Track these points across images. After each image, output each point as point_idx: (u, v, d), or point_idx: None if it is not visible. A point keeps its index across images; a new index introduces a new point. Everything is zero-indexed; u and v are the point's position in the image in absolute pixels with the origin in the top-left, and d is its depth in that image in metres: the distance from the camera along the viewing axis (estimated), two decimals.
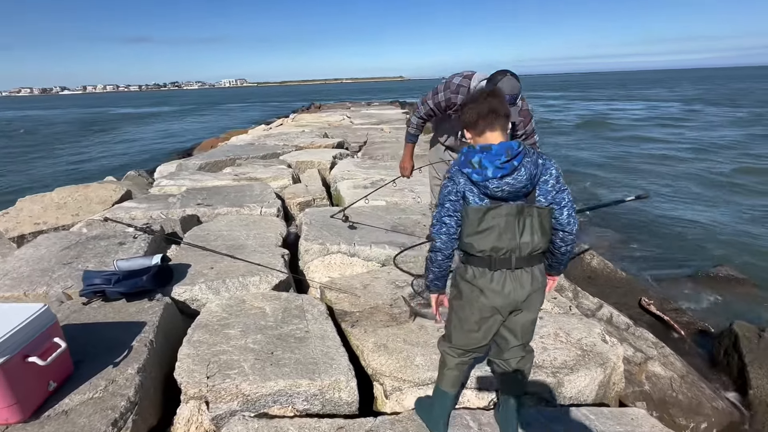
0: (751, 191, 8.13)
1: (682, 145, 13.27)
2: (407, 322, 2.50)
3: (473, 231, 1.43)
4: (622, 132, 16.68)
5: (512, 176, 1.37)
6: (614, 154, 12.27)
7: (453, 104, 2.42)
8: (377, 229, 3.89)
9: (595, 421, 1.73)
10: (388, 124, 11.80)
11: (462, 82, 2.39)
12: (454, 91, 2.39)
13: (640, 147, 13.17)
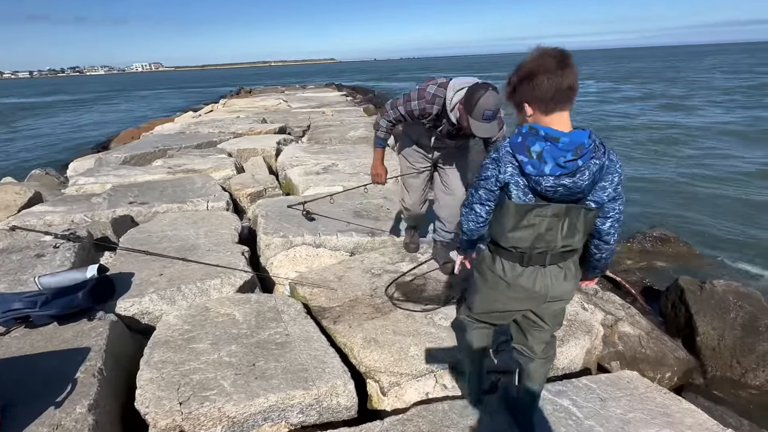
0: (671, 156, 9.08)
1: (604, 117, 14.45)
2: (392, 311, 2.37)
3: (510, 227, 1.27)
4: None
5: (573, 178, 1.17)
6: None
7: (428, 114, 2.29)
8: (340, 217, 3.69)
9: (597, 390, 1.75)
10: (329, 107, 11.39)
11: (437, 91, 2.23)
12: (430, 101, 2.24)
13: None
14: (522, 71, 1.20)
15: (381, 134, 2.55)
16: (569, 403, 1.69)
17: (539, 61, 1.16)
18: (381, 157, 2.64)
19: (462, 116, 2.13)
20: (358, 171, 5.21)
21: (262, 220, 3.56)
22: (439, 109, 2.25)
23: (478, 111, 1.96)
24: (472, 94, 1.99)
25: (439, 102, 2.22)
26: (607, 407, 1.67)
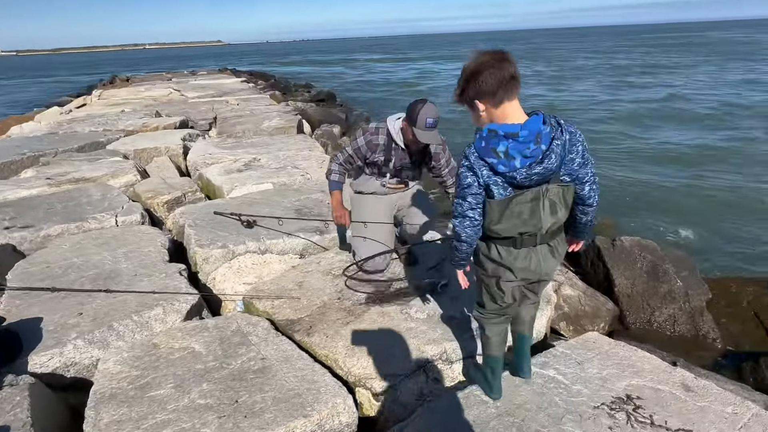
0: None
1: None
2: (365, 312, 2.29)
3: (497, 220, 1.34)
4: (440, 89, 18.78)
5: (542, 164, 1.25)
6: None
7: (375, 146, 2.41)
8: (281, 216, 3.44)
9: (573, 355, 1.92)
10: (232, 96, 10.47)
11: (379, 125, 2.43)
12: (374, 133, 2.40)
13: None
14: (467, 72, 1.29)
15: (334, 177, 2.54)
16: (554, 373, 1.82)
17: (479, 59, 1.26)
18: (340, 199, 2.56)
19: (406, 130, 2.28)
20: (284, 165, 4.90)
21: (191, 230, 3.14)
22: (385, 139, 2.37)
23: (421, 120, 2.15)
24: (413, 108, 2.20)
25: (382, 131, 2.38)
26: (585, 369, 1.84)
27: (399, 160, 2.43)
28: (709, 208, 5.80)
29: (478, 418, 1.59)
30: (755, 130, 9.68)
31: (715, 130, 9.90)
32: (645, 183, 6.79)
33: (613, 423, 1.57)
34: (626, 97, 14.29)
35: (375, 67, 34.94)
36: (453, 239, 1.42)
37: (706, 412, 1.62)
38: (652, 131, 10.08)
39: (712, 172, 7.20)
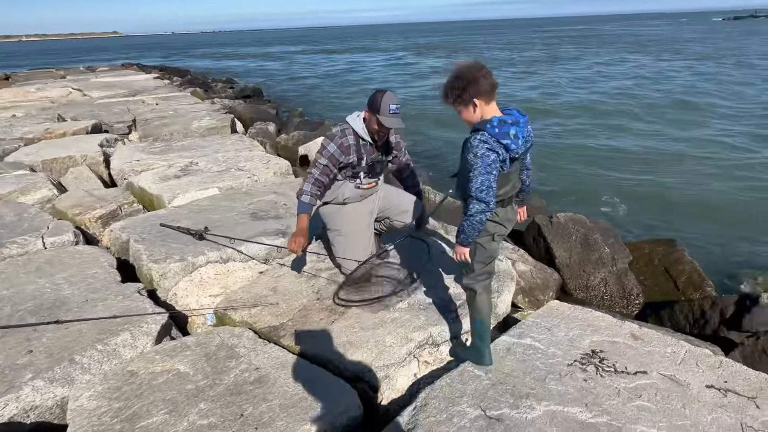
0: None
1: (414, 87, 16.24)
2: (348, 309, 2.33)
3: (501, 186, 1.72)
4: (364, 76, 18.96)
5: (528, 142, 1.72)
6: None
7: (346, 148, 2.38)
8: (237, 222, 3.30)
9: (542, 324, 2.15)
10: (147, 94, 9.55)
11: (341, 126, 2.43)
12: (341, 136, 2.37)
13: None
14: (466, 79, 1.64)
15: (306, 198, 2.37)
16: (531, 341, 2.03)
17: (473, 69, 1.65)
18: (305, 226, 2.36)
19: (370, 120, 2.31)
20: (227, 167, 4.66)
21: (140, 246, 2.90)
22: (353, 138, 2.38)
23: (384, 107, 2.22)
24: (375, 98, 2.26)
25: (349, 132, 2.38)
26: (554, 334, 2.08)
27: (369, 156, 2.45)
28: (617, 184, 6.66)
29: (476, 390, 1.74)
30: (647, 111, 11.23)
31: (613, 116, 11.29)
32: (562, 168, 7.56)
33: (586, 376, 1.82)
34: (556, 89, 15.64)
35: (297, 59, 33.98)
36: (476, 214, 1.66)
37: (653, 355, 1.94)
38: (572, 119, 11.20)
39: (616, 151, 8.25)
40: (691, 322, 3.16)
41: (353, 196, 2.52)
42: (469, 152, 1.66)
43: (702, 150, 8.01)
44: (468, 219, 1.70)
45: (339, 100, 14.73)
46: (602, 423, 1.58)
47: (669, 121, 10.11)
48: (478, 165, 1.63)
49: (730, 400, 1.69)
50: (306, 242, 2.34)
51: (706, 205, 5.74)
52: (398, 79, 19.02)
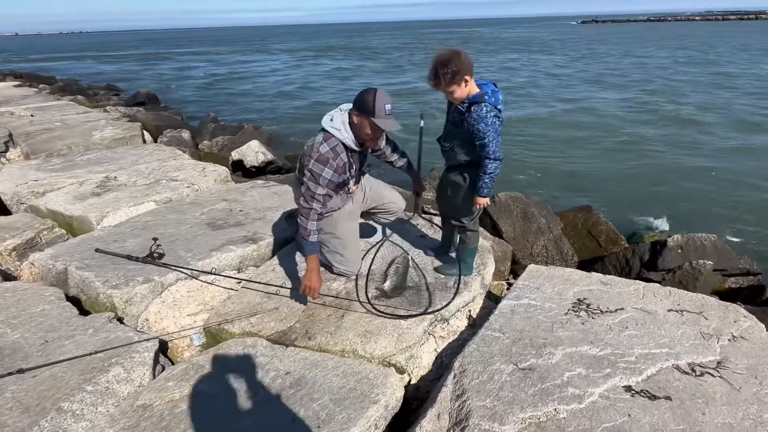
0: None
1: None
2: (352, 302, 2.33)
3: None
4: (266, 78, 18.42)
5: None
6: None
7: (343, 167, 2.10)
8: (195, 235, 3.03)
9: (531, 285, 2.41)
10: (14, 105, 7.98)
11: (328, 143, 2.06)
12: (334, 157, 2.05)
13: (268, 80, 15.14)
14: (455, 62, 1.91)
15: (313, 237, 2.10)
16: (528, 300, 2.27)
17: (455, 54, 1.94)
18: (316, 265, 2.12)
19: (362, 125, 2.01)
20: (156, 179, 4.20)
21: (86, 273, 2.50)
22: (345, 153, 2.09)
23: (379, 108, 1.94)
24: (364, 99, 1.96)
25: (339, 148, 2.06)
26: (544, 291, 2.36)
27: (357, 162, 2.25)
28: (533, 162, 7.53)
29: (502, 349, 1.90)
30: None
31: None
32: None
33: (582, 320, 2.11)
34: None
35: (187, 62, 31.23)
36: (494, 170, 2.04)
37: (622, 294, 2.32)
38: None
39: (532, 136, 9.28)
40: (618, 270, 3.78)
41: (340, 204, 2.37)
42: (480, 122, 1.95)
43: (588, 130, 9.46)
44: (489, 176, 2.07)
45: (250, 103, 13.99)
46: (609, 353, 1.86)
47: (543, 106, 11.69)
48: (491, 131, 1.96)
49: (686, 318, 2.11)
50: (320, 283, 2.14)
51: (603, 175, 6.83)
52: (309, 78, 18.73)
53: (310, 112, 12.27)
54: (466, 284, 2.45)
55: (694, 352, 1.87)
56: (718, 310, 2.16)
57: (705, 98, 12.65)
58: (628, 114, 10.97)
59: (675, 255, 3.49)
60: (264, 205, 3.57)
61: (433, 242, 2.88)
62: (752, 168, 7.12)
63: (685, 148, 8.33)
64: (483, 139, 1.97)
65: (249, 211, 3.48)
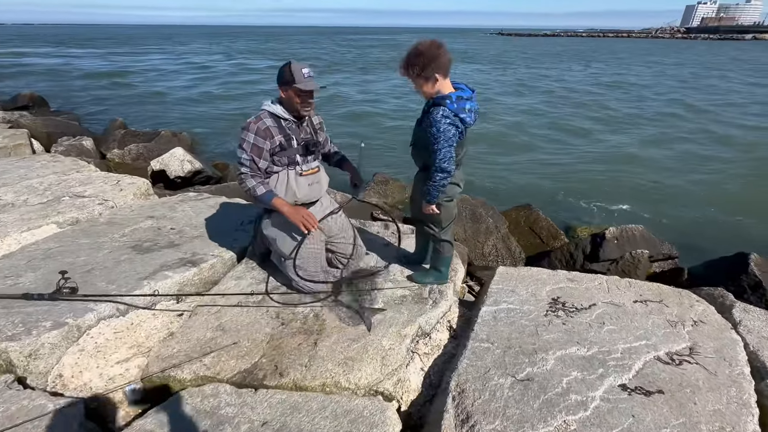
0: None
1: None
2: (324, 327, 2.07)
3: (460, 154, 1.99)
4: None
5: (477, 114, 1.93)
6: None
7: (267, 131, 2.10)
8: (117, 261, 2.53)
9: (505, 288, 2.36)
10: None
11: (257, 114, 2.14)
12: (256, 121, 2.10)
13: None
14: (428, 55, 1.79)
15: (260, 189, 2.11)
16: (506, 305, 2.22)
17: (434, 47, 1.80)
18: (290, 204, 2.15)
19: (289, 96, 2.08)
20: (56, 196, 3.49)
21: None
22: (271, 120, 2.12)
23: (297, 74, 2.02)
24: (283, 72, 2.05)
25: (264, 115, 2.12)
26: (518, 293, 2.32)
27: (299, 135, 2.19)
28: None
29: (495, 361, 1.80)
30: None
31: None
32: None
33: (562, 320, 2.09)
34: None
35: (81, 60, 27.50)
36: (439, 181, 1.93)
37: (590, 290, 2.37)
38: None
39: None
40: (564, 263, 3.98)
41: (300, 189, 2.22)
42: (432, 126, 1.82)
43: (515, 128, 10.09)
44: (433, 185, 1.96)
45: (160, 106, 12.64)
46: (596, 352, 1.86)
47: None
48: (441, 139, 1.83)
49: (651, 307, 2.21)
50: (309, 212, 2.12)
51: (535, 171, 7.27)
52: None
53: (236, 115, 11.46)
54: (441, 293, 2.33)
55: (668, 340, 1.94)
56: (674, 297, 2.30)
57: (597, 99, 14.33)
58: (536, 117, 11.95)
59: (613, 246, 3.76)
60: (200, 221, 3.13)
61: (396, 250, 2.72)
62: (644, 160, 8.15)
63: (589, 146, 9.27)
64: (433, 144, 1.86)
65: (183, 228, 3.02)
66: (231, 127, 9.97)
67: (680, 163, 8.23)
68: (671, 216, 5.88)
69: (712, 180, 7.31)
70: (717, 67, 28.15)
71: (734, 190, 6.87)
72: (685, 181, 7.22)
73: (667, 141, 9.72)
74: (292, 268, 2.22)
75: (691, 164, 8.13)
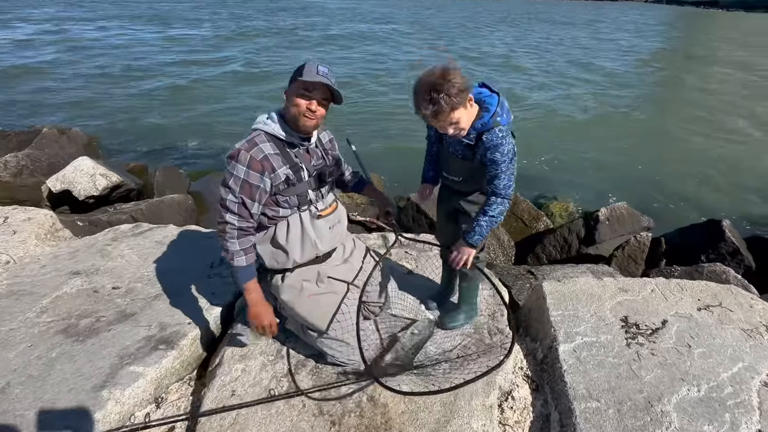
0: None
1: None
2: (387, 410, 1.58)
3: None
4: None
5: None
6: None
7: (265, 162, 1.51)
8: (44, 361, 1.73)
9: (569, 315, 2.06)
10: None
11: (249, 136, 1.54)
12: (249, 148, 1.49)
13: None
14: (461, 82, 1.43)
15: (240, 261, 1.55)
16: (581, 339, 1.90)
17: (455, 71, 1.46)
18: (260, 293, 1.61)
19: (292, 96, 1.51)
20: None
21: None
22: (269, 145, 1.52)
23: (308, 67, 1.49)
24: (295, 71, 1.52)
25: (259, 138, 1.52)
26: (583, 318, 2.01)
27: (309, 162, 1.62)
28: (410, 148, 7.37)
29: (615, 428, 1.49)
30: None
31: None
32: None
33: (648, 349, 1.85)
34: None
35: None
36: (498, 214, 1.62)
37: (649, 301, 2.16)
38: None
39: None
40: (559, 249, 3.87)
41: (321, 237, 1.66)
42: (496, 150, 1.52)
43: None
44: (489, 218, 1.62)
45: (19, 93, 10.01)
46: (708, 391, 1.64)
47: None
48: (507, 161, 1.55)
49: (717, 314, 2.06)
50: (272, 314, 1.62)
51: None
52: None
53: (145, 98, 9.56)
54: (500, 331, 1.96)
55: (760, 357, 1.81)
56: (729, 297, 2.20)
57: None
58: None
59: (606, 228, 3.72)
60: (151, 270, 2.34)
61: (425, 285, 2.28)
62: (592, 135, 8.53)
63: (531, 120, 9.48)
64: (496, 170, 1.56)
65: (131, 285, 2.22)
66: (133, 119, 8.29)
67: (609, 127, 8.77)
68: (619, 181, 6.19)
69: (649, 144, 7.90)
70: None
71: (673, 153, 7.48)
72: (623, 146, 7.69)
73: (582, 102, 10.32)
74: (329, 343, 1.66)
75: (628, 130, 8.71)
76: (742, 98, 11.09)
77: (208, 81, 11.42)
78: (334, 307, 1.68)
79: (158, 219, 3.51)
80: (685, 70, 14.53)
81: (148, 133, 7.60)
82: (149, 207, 3.62)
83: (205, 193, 4.89)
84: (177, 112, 8.85)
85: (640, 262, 3.43)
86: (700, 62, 15.41)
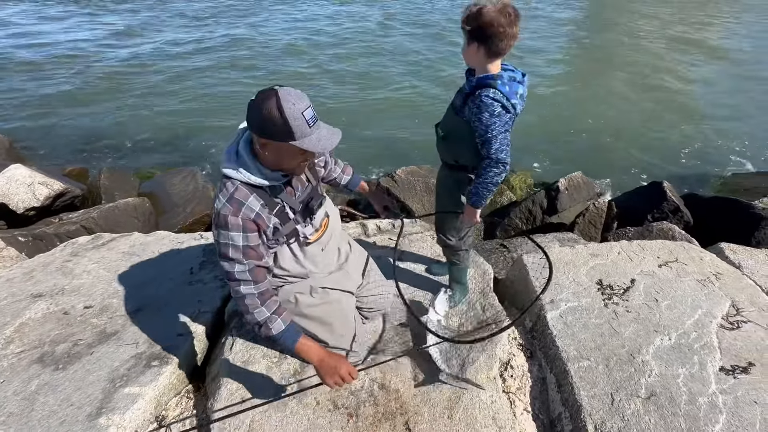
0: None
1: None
2: (399, 394, 1.63)
3: None
4: None
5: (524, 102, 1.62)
6: None
7: (258, 220, 1.34)
8: (25, 400, 1.59)
9: (556, 284, 2.21)
10: None
11: (228, 191, 1.31)
12: (236, 210, 1.30)
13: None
14: (487, 18, 1.42)
15: (277, 323, 1.40)
16: (565, 304, 2.07)
17: (501, 10, 1.42)
18: (317, 349, 1.42)
19: (279, 155, 1.27)
20: None
21: None
22: (255, 199, 1.33)
23: (296, 122, 1.18)
24: (265, 115, 1.17)
25: (241, 194, 1.31)
26: (563, 284, 2.19)
27: (292, 197, 1.47)
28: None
29: (607, 381, 1.65)
30: None
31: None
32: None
33: (624, 307, 2.04)
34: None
35: None
36: (493, 177, 1.59)
37: (617, 263, 2.37)
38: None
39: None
40: (524, 220, 4.08)
41: (314, 262, 1.59)
42: (483, 111, 1.51)
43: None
44: (485, 182, 1.62)
45: None
46: (678, 338, 1.85)
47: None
48: (496, 124, 1.52)
49: (675, 269, 2.31)
50: (345, 362, 1.41)
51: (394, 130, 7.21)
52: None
53: (62, 93, 8.55)
54: (491, 306, 2.07)
55: (714, 303, 2.05)
56: (682, 252, 2.45)
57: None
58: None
59: (566, 197, 3.96)
60: (125, 282, 2.19)
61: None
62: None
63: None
64: (485, 133, 1.54)
65: (105, 302, 2.07)
66: (53, 115, 7.42)
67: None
68: (563, 150, 6.55)
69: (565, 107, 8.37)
70: None
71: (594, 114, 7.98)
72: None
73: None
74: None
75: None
76: (664, 52, 11.84)
77: (130, 69, 10.38)
78: (335, 318, 1.66)
79: (115, 226, 3.25)
80: (603, 30, 15.20)
81: (75, 132, 6.82)
82: (102, 214, 3.33)
83: (159, 192, 4.56)
84: (103, 106, 8.00)
85: (599, 227, 3.72)
86: (619, 23, 16.23)
